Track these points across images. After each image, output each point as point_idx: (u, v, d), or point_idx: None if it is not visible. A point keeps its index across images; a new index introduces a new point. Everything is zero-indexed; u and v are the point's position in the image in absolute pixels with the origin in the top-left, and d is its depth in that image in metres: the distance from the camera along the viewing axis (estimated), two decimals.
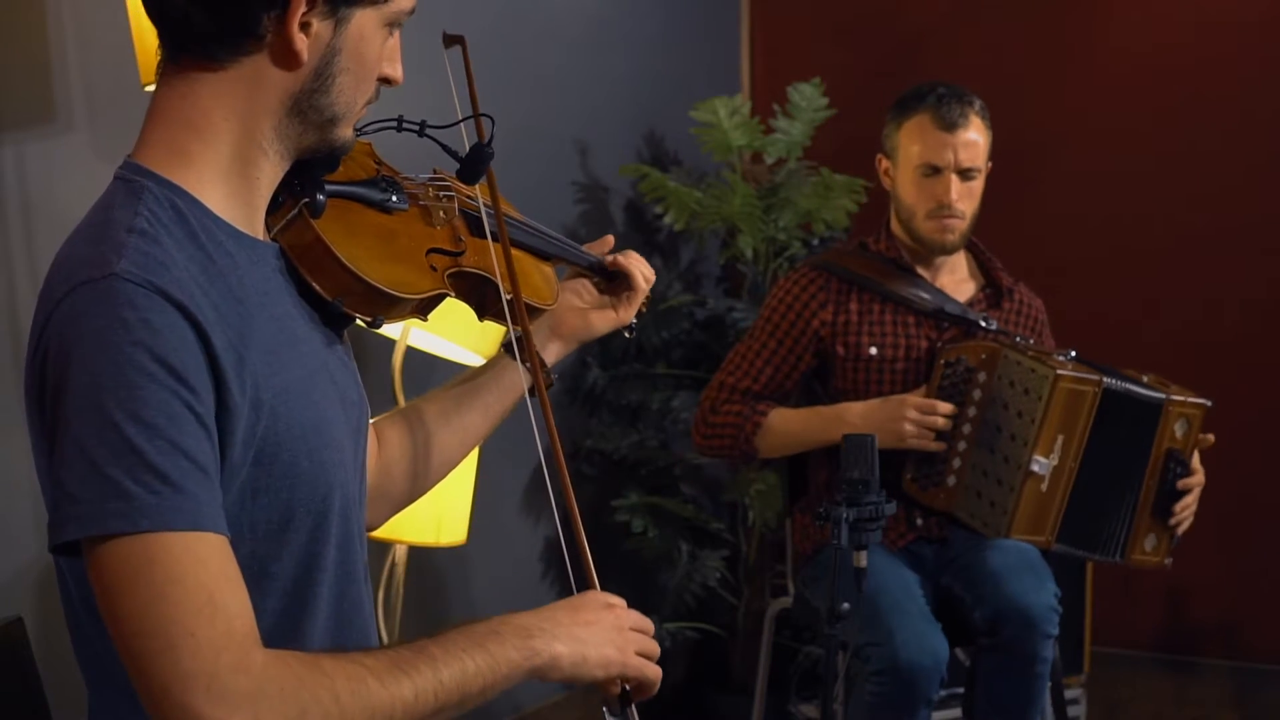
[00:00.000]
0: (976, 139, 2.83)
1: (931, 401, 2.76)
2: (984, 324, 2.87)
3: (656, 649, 1.45)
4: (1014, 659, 2.68)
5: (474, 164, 1.62)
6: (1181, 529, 2.82)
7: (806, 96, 3.88)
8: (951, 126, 2.81)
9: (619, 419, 3.81)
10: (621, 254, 1.80)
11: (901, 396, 2.78)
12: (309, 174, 1.42)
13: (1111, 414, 2.71)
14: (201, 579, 1.17)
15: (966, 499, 2.77)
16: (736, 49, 4.43)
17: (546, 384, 1.71)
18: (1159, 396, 2.76)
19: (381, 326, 1.48)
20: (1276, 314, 3.76)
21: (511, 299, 1.60)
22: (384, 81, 1.41)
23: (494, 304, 1.63)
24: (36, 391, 1.24)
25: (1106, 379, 2.70)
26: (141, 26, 2.27)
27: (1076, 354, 2.76)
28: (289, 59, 1.31)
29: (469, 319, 1.68)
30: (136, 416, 1.17)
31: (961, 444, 2.77)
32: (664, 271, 3.90)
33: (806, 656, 3.58)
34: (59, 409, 1.19)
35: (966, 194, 2.84)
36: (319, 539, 1.37)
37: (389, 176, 1.56)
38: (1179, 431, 2.78)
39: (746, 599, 3.86)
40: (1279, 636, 3.79)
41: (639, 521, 3.63)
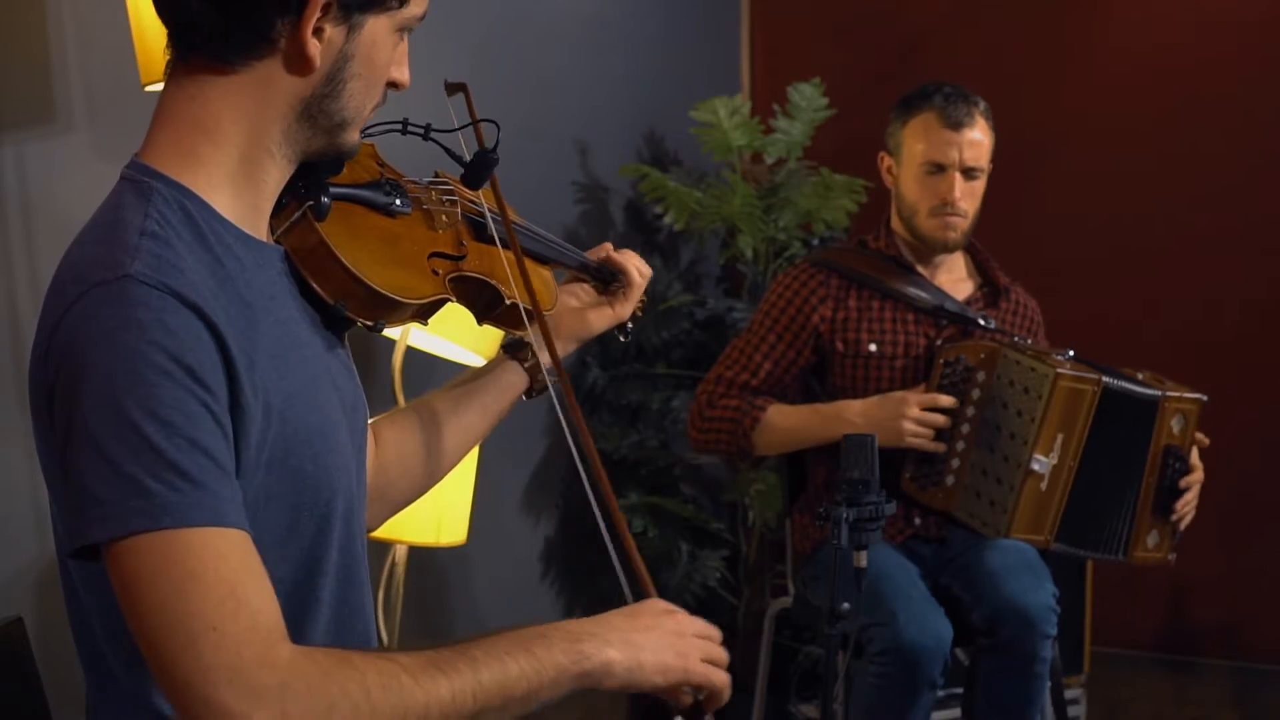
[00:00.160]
0: (981, 139, 2.85)
1: (932, 397, 2.76)
2: (982, 322, 2.87)
3: (724, 656, 1.40)
4: (1013, 659, 2.68)
5: (479, 169, 1.61)
6: (1183, 524, 2.82)
7: (806, 96, 3.88)
8: (958, 125, 2.82)
9: (619, 419, 3.81)
10: (616, 251, 1.81)
11: (901, 394, 2.77)
12: (313, 176, 1.41)
13: (1110, 412, 2.71)
14: (223, 573, 1.16)
15: (965, 498, 2.77)
16: (736, 49, 4.43)
17: (544, 385, 1.72)
18: (1155, 394, 2.76)
19: (383, 330, 1.48)
20: (1276, 314, 3.76)
21: (531, 309, 1.60)
22: (391, 86, 1.40)
23: (493, 308, 1.63)
24: (47, 392, 1.23)
25: (1105, 378, 2.71)
26: (141, 26, 2.27)
27: (1074, 353, 2.77)
28: (301, 64, 1.31)
29: (469, 320, 1.68)
30: (154, 415, 1.16)
31: (960, 443, 2.77)
32: (664, 271, 3.90)
33: (806, 656, 3.58)
34: (74, 411, 1.18)
35: (969, 193, 2.85)
36: (322, 543, 1.37)
37: (393, 180, 1.55)
38: (1176, 427, 2.78)
39: (746, 599, 3.86)
40: (1279, 636, 3.79)
41: (639, 521, 3.63)
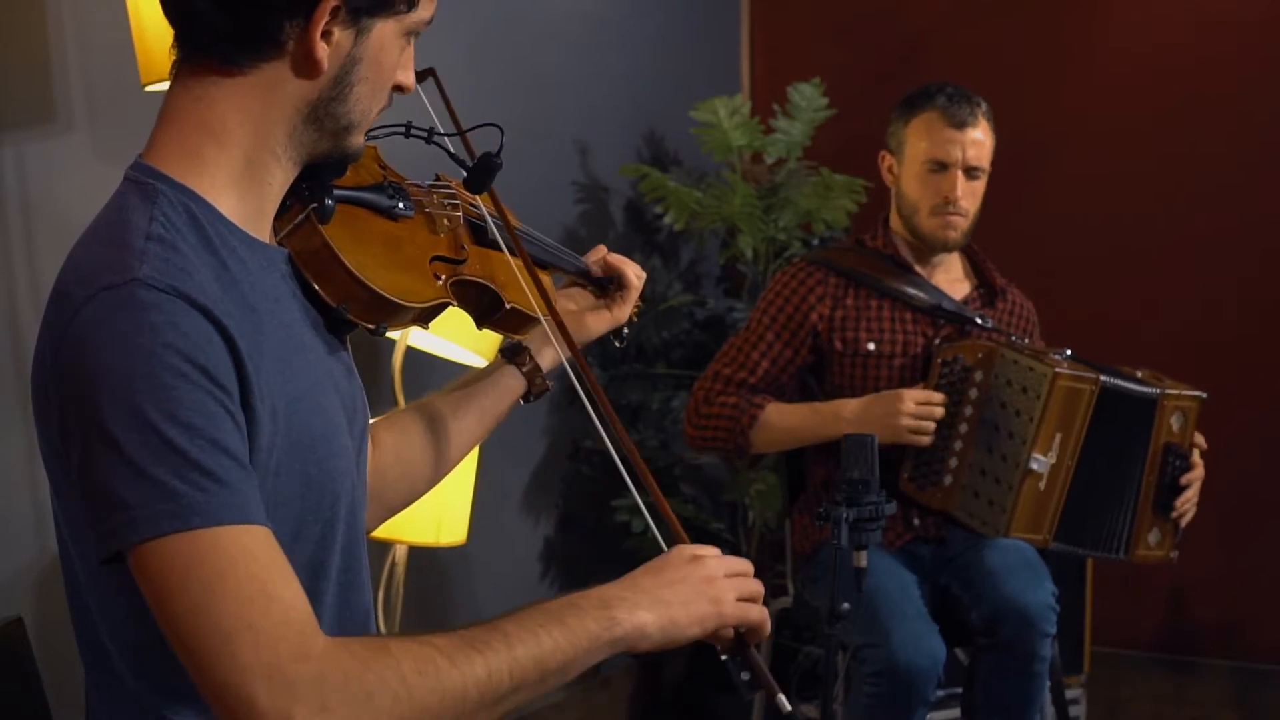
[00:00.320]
0: (983, 139, 2.85)
1: (927, 393, 2.76)
2: (980, 322, 2.87)
3: (759, 589, 1.40)
4: (1012, 658, 2.68)
5: (482, 173, 1.61)
6: (1184, 521, 2.82)
7: (806, 96, 3.88)
8: (961, 124, 2.82)
9: (619, 419, 3.81)
10: (611, 255, 1.81)
11: (897, 391, 2.77)
12: (317, 179, 1.41)
13: (1108, 411, 2.71)
14: (253, 571, 1.16)
15: (964, 498, 2.77)
16: (736, 49, 4.43)
17: (542, 390, 1.73)
18: (1153, 392, 2.76)
19: (385, 334, 1.48)
20: (1276, 314, 3.76)
21: (547, 315, 1.61)
22: (396, 89, 1.40)
23: (493, 312, 1.64)
24: (57, 396, 1.22)
25: (1103, 377, 2.71)
26: (142, 26, 2.26)
27: (1072, 352, 2.77)
28: (309, 67, 1.30)
29: (470, 321, 1.68)
30: (174, 417, 1.16)
31: (958, 443, 2.77)
32: (664, 271, 3.90)
33: (806, 656, 3.58)
34: (91, 416, 1.17)
35: (970, 193, 2.86)
36: (325, 547, 1.37)
37: (395, 183, 1.55)
38: (1175, 425, 2.78)
39: None
40: (1279, 636, 3.79)
41: (639, 521, 3.62)
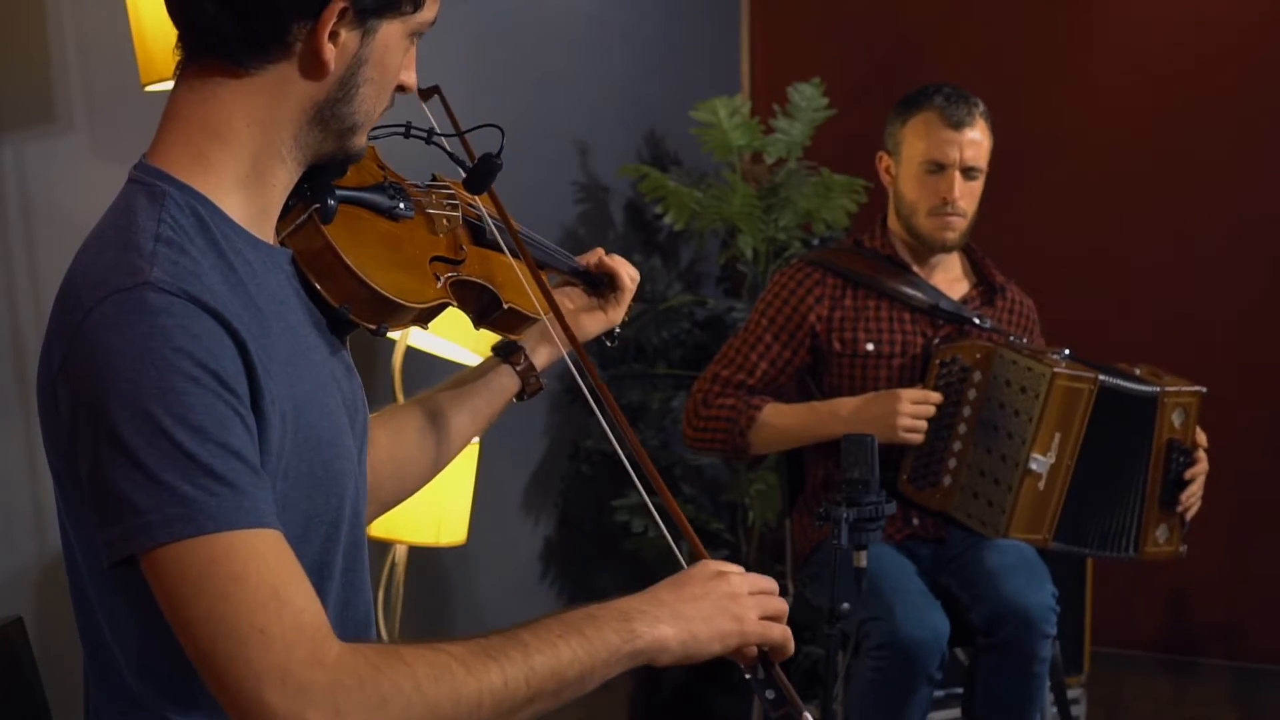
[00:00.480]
0: (981, 139, 2.85)
1: (924, 393, 2.76)
2: (978, 321, 2.87)
3: (782, 607, 1.39)
4: (1012, 659, 2.68)
5: (483, 174, 1.61)
6: (1190, 514, 2.82)
7: (806, 96, 3.88)
8: (959, 125, 2.82)
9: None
10: (607, 255, 1.81)
11: (894, 391, 2.77)
12: (319, 179, 1.41)
13: (1108, 410, 2.71)
14: (264, 575, 1.16)
15: (963, 499, 2.77)
16: (736, 49, 4.43)
17: (536, 389, 1.73)
18: (1153, 390, 2.76)
19: (386, 334, 1.48)
20: (1275, 314, 3.76)
21: (550, 314, 1.61)
22: (399, 89, 1.40)
23: (490, 312, 1.64)
24: (68, 400, 1.21)
25: (1102, 376, 2.71)
26: (141, 26, 2.26)
27: (1070, 352, 2.76)
28: (316, 68, 1.30)
29: (468, 321, 1.69)
30: (185, 421, 1.16)
31: (957, 443, 2.77)
32: (664, 271, 3.90)
33: (806, 656, 3.58)
34: (102, 420, 1.17)
35: (968, 193, 2.86)
36: (330, 549, 1.37)
37: (395, 183, 1.55)
38: (1177, 421, 2.78)
39: None
40: (1279, 636, 3.79)
41: (639, 521, 3.62)
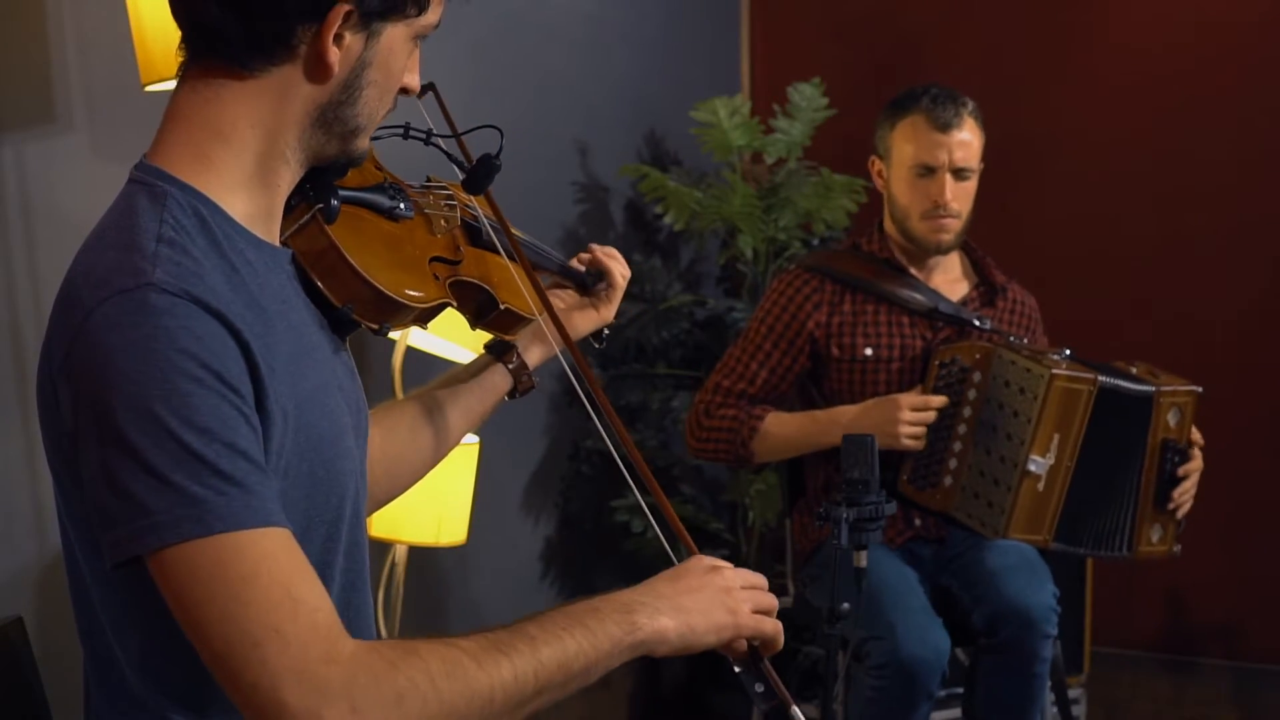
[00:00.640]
0: (970, 139, 2.84)
1: (924, 398, 2.76)
2: (978, 323, 2.87)
3: (773, 602, 1.43)
4: (1013, 659, 2.68)
5: (482, 174, 1.62)
6: (1182, 513, 2.82)
7: (806, 96, 3.88)
8: (946, 126, 2.81)
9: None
10: (599, 251, 1.82)
11: (894, 397, 2.77)
12: (321, 179, 1.41)
13: (1106, 410, 2.71)
14: (276, 575, 1.16)
15: (963, 500, 2.77)
16: (736, 49, 4.43)
17: (528, 387, 1.75)
18: (1149, 389, 2.76)
19: (388, 334, 1.49)
20: (1275, 314, 3.76)
21: (548, 316, 1.63)
22: (401, 91, 1.41)
23: (487, 313, 1.64)
24: (70, 401, 1.21)
25: (1101, 377, 2.70)
26: (141, 26, 2.26)
27: (1071, 352, 2.76)
28: (320, 71, 1.30)
29: (466, 321, 1.69)
30: (191, 423, 1.16)
31: (957, 444, 2.77)
32: (664, 271, 3.90)
33: (806, 656, 3.58)
34: (106, 421, 1.17)
35: (961, 194, 2.85)
36: (330, 549, 1.37)
37: (395, 184, 1.55)
38: (1172, 421, 2.78)
39: None
40: (1279, 636, 3.79)
41: (639, 521, 3.62)
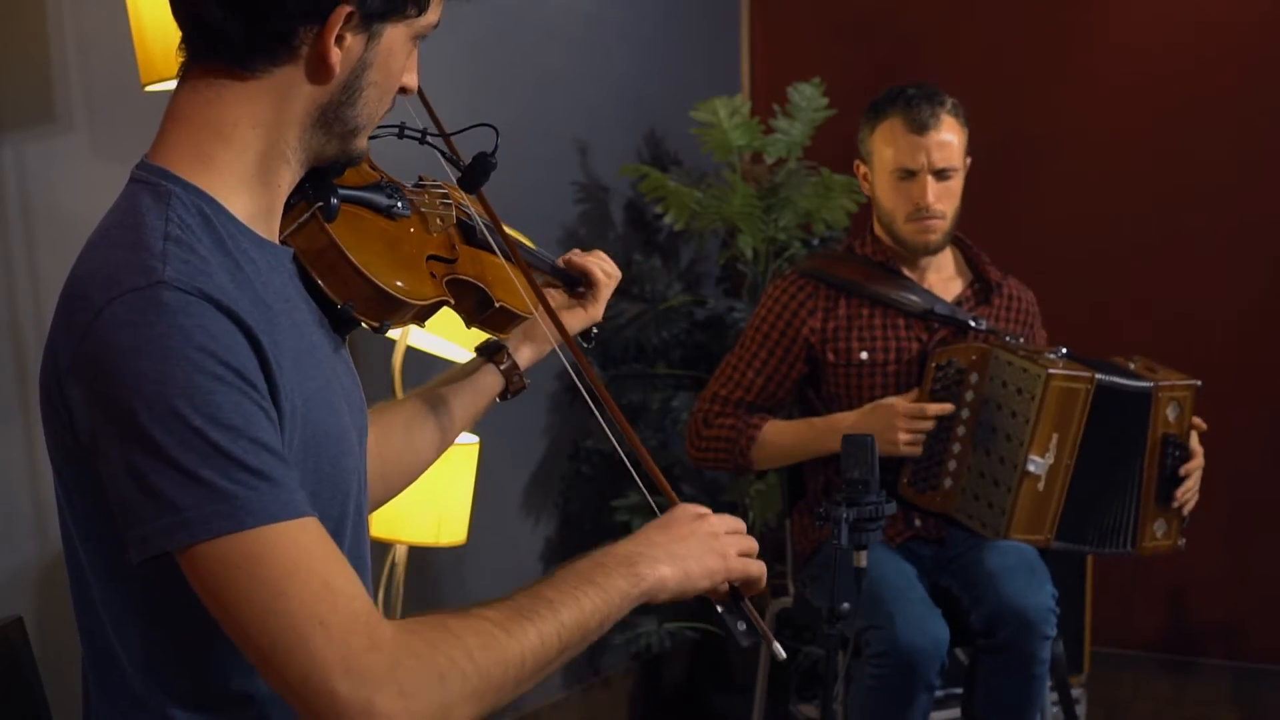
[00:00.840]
0: (950, 139, 2.82)
1: (921, 406, 2.75)
2: (974, 324, 2.85)
3: (754, 545, 1.50)
4: (1012, 660, 2.68)
5: (477, 172, 1.62)
6: (1187, 509, 2.81)
7: (806, 96, 3.87)
8: (922, 128, 2.80)
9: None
10: (583, 253, 1.84)
11: (891, 403, 2.76)
12: (320, 178, 1.42)
13: (1104, 408, 2.70)
14: (313, 566, 1.18)
15: (964, 501, 2.77)
16: (736, 49, 4.43)
17: (519, 387, 1.77)
18: (1147, 385, 2.75)
19: (387, 331, 1.49)
20: (1275, 315, 3.76)
21: (545, 312, 1.64)
22: (400, 91, 1.41)
23: (482, 311, 1.66)
24: (83, 400, 1.21)
25: (1099, 375, 2.70)
26: (141, 26, 2.26)
27: (1067, 350, 2.75)
28: (322, 72, 1.31)
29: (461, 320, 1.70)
30: (215, 420, 1.17)
31: (956, 445, 2.77)
32: (664, 271, 3.90)
33: (806, 656, 3.58)
34: (126, 420, 1.17)
35: (944, 194, 2.83)
36: (337, 545, 1.37)
37: (391, 183, 1.56)
38: (1172, 416, 2.77)
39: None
40: (1279, 636, 3.79)
41: (639, 521, 3.62)
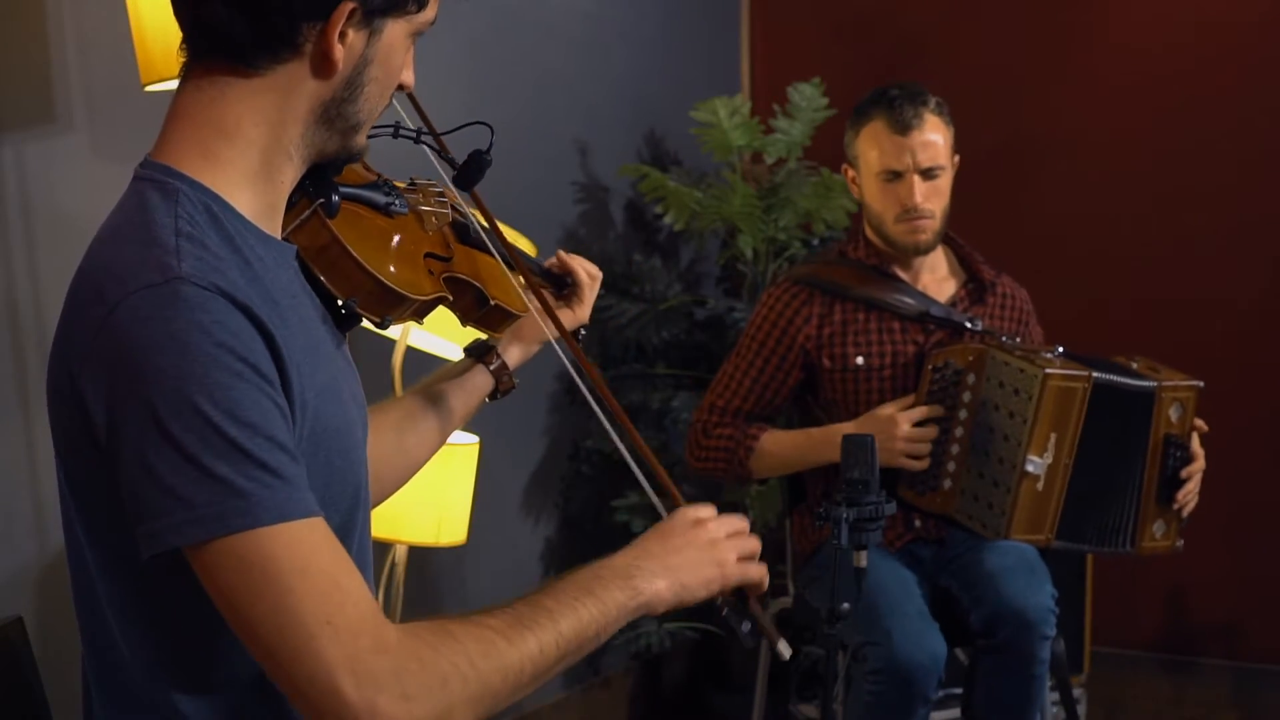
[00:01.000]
0: (934, 138, 2.81)
1: (919, 412, 2.74)
2: (969, 325, 2.85)
3: (756, 546, 1.49)
4: (1011, 660, 2.68)
5: (472, 170, 1.64)
6: (1187, 510, 2.81)
7: (806, 96, 3.87)
8: (906, 129, 2.79)
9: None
10: (565, 255, 1.85)
11: (889, 412, 2.75)
12: (320, 175, 1.43)
13: (1104, 407, 2.69)
14: (323, 565, 1.19)
15: (963, 502, 2.76)
16: (736, 49, 4.43)
17: (508, 387, 1.78)
18: (1149, 385, 2.74)
19: (388, 327, 1.50)
20: (1275, 315, 3.76)
21: (542, 308, 1.65)
22: (398, 88, 1.42)
23: (477, 310, 1.67)
24: (99, 396, 1.21)
25: (1096, 374, 2.68)
26: (141, 26, 2.26)
27: (1064, 349, 2.75)
28: (325, 68, 1.32)
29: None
30: (234, 416, 1.18)
31: (955, 447, 2.76)
32: (664, 271, 3.90)
33: (806, 656, 3.58)
34: (143, 415, 1.18)
35: (932, 193, 2.82)
36: (345, 539, 1.38)
37: (388, 181, 1.57)
38: (1174, 416, 2.77)
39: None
40: (1279, 636, 3.79)
41: (639, 521, 3.62)
